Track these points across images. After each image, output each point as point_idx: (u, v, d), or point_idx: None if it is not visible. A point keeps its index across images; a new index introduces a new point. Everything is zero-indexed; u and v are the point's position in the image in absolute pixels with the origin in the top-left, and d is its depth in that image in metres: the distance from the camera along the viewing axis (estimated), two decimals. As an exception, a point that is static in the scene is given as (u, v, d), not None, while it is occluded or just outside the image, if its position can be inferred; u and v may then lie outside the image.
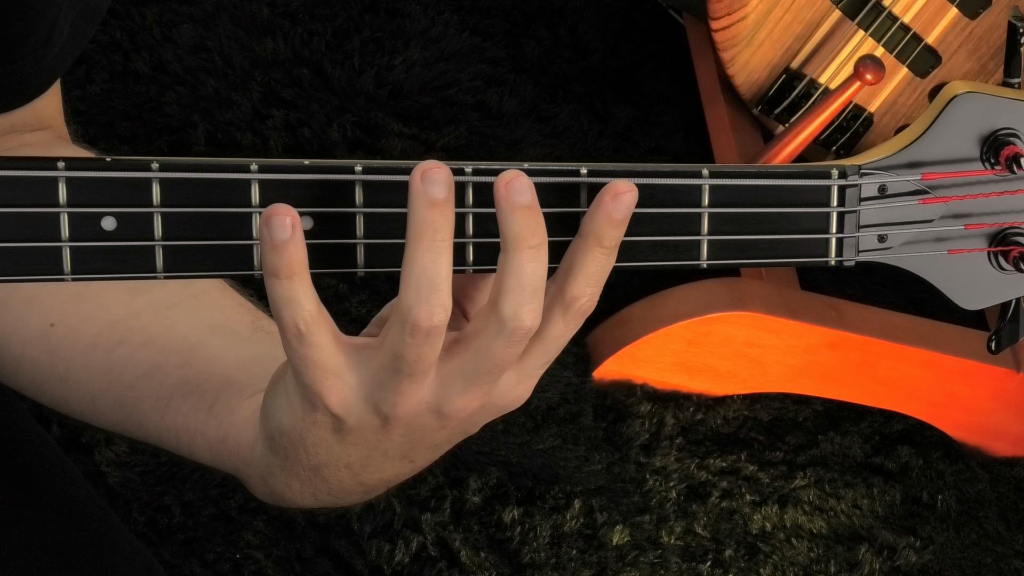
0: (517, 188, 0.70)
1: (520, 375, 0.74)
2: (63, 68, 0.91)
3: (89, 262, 0.69)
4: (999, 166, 0.78)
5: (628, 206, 0.71)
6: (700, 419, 1.65)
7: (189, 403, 0.83)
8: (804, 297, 1.68)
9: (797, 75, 1.72)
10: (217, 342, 0.85)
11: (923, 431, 1.70)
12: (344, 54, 1.85)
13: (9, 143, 0.91)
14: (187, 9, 1.85)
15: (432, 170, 0.69)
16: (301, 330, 0.70)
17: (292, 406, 0.75)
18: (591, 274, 0.72)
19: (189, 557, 1.40)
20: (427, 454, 0.78)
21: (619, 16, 2.02)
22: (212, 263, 0.71)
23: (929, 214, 0.79)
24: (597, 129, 1.90)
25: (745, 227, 0.76)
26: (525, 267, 0.70)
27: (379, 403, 0.73)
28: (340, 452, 0.76)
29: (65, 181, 0.68)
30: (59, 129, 0.95)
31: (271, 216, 0.68)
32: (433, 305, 0.69)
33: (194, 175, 0.70)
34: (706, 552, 1.55)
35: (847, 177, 0.77)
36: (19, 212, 0.68)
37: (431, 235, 0.69)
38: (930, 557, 1.59)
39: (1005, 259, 0.80)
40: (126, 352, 0.85)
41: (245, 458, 0.81)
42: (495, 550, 1.48)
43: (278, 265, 0.69)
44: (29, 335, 0.86)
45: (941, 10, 1.69)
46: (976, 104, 0.78)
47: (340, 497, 0.80)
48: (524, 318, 0.70)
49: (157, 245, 0.70)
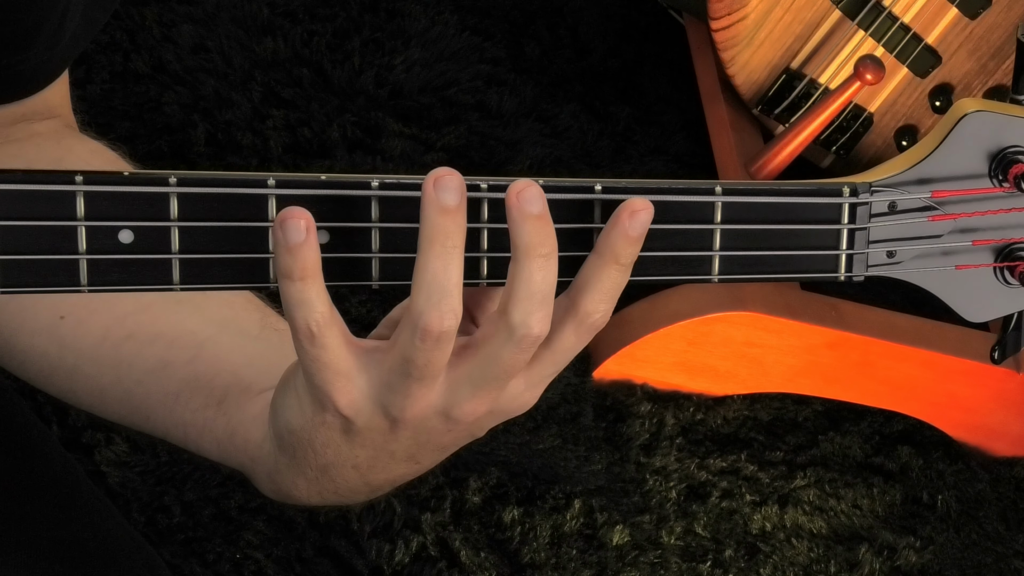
0: (528, 197, 0.70)
1: (528, 382, 0.75)
2: (74, 55, 0.92)
3: (106, 274, 0.70)
4: (1007, 183, 0.80)
5: (644, 224, 0.72)
6: (700, 419, 1.65)
7: (197, 399, 0.84)
8: (804, 297, 1.68)
9: (797, 75, 1.72)
10: (226, 338, 0.86)
11: (923, 431, 1.70)
12: (344, 54, 1.85)
13: (19, 132, 0.91)
14: (187, 9, 1.85)
15: (444, 177, 0.70)
16: (313, 331, 0.71)
17: (302, 406, 0.75)
18: (606, 290, 0.73)
19: (189, 557, 1.40)
20: (433, 456, 0.79)
21: (619, 16, 2.02)
22: (229, 276, 0.72)
23: (938, 230, 0.80)
24: (597, 129, 1.90)
25: (756, 243, 0.77)
26: (535, 275, 0.71)
27: (388, 405, 0.74)
28: (348, 453, 0.77)
29: (83, 195, 0.69)
30: (67, 118, 0.96)
31: (285, 219, 0.69)
32: (444, 310, 0.70)
33: (212, 190, 0.70)
34: (706, 552, 1.55)
35: (858, 195, 0.78)
36: (37, 226, 0.69)
37: (442, 241, 0.70)
38: (930, 557, 1.59)
39: (1011, 274, 0.82)
40: (135, 346, 0.86)
41: (252, 455, 0.81)
42: (495, 550, 1.48)
43: (292, 267, 0.69)
44: (39, 327, 0.87)
45: (941, 10, 1.69)
46: (985, 123, 0.79)
47: (346, 496, 0.81)
48: (533, 326, 0.71)
49: (174, 258, 0.71)
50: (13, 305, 0.87)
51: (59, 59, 0.90)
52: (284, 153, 1.74)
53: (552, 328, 0.73)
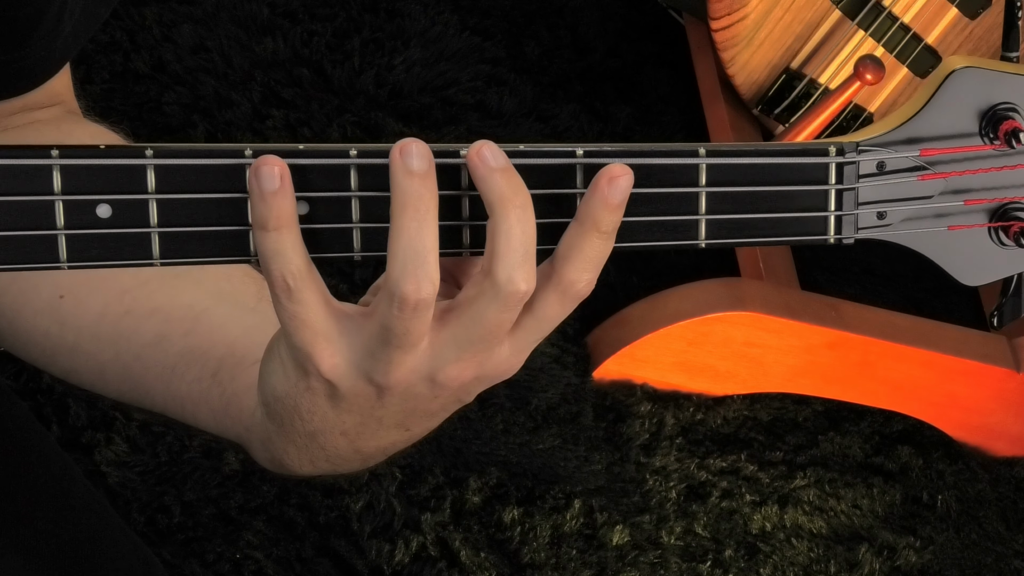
0: (488, 155, 0.70)
1: (513, 348, 0.74)
2: (74, 51, 0.91)
3: (85, 250, 0.69)
4: (998, 141, 0.78)
5: (624, 189, 0.70)
6: (700, 419, 1.65)
7: (193, 371, 0.83)
8: (804, 297, 1.68)
9: (797, 75, 1.72)
10: (222, 310, 0.85)
11: (923, 431, 1.70)
12: (344, 54, 1.85)
13: (19, 120, 0.91)
14: (187, 9, 1.85)
15: (409, 145, 0.69)
16: (289, 285, 0.70)
17: (286, 372, 0.75)
18: (589, 259, 0.71)
19: (189, 557, 1.40)
20: (423, 423, 0.78)
21: (619, 16, 2.02)
22: (209, 249, 0.71)
23: (928, 190, 0.78)
24: (597, 129, 1.90)
25: (743, 206, 0.75)
26: (514, 228, 0.70)
27: (371, 372, 0.73)
28: (335, 419, 0.76)
29: (59, 169, 0.68)
30: (70, 104, 0.95)
31: (260, 166, 0.68)
32: (420, 278, 0.69)
33: (188, 161, 0.70)
34: (706, 552, 1.55)
35: (845, 154, 0.76)
36: (14, 200, 0.68)
37: (415, 205, 0.69)
38: (930, 557, 1.59)
39: (1006, 234, 0.80)
40: (133, 322, 0.85)
41: (247, 424, 0.81)
42: (495, 550, 1.48)
43: (266, 216, 0.69)
44: (40, 306, 0.87)
45: (941, 10, 1.69)
46: (974, 79, 0.77)
47: (338, 464, 0.80)
48: (519, 282, 0.70)
49: (153, 232, 0.70)
50: (15, 287, 0.87)
51: (59, 55, 0.90)
52: (284, 153, 1.74)
53: (536, 295, 0.72)
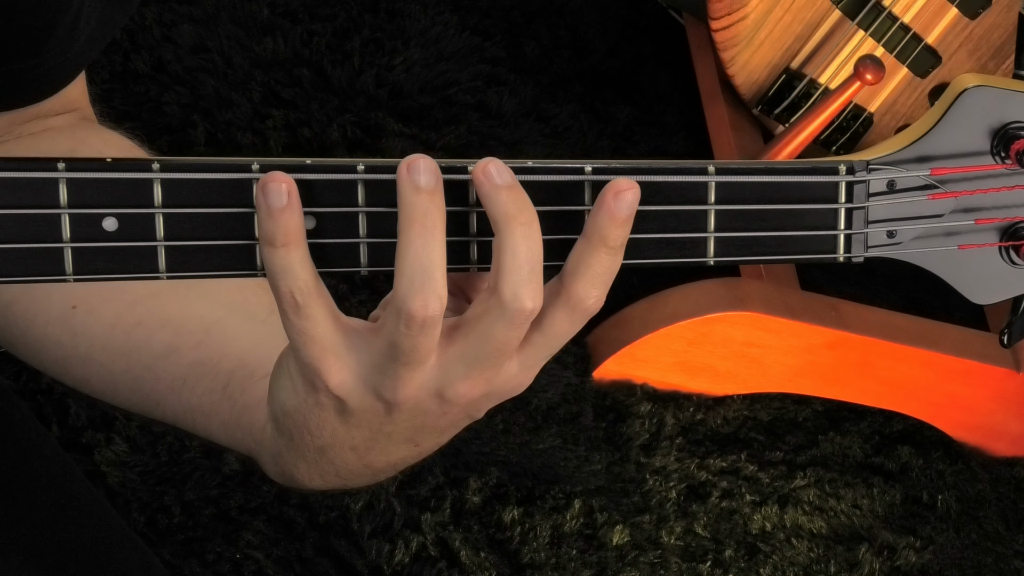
0: (494, 172, 0.70)
1: (522, 365, 0.74)
2: (90, 58, 0.91)
3: (91, 263, 0.69)
4: (1009, 160, 0.77)
5: (631, 204, 0.70)
6: (700, 419, 1.65)
7: (204, 383, 0.83)
8: (804, 297, 1.68)
9: (797, 75, 1.72)
10: (233, 322, 0.85)
11: (923, 431, 1.70)
12: (344, 54, 1.85)
13: (33, 127, 0.91)
14: (187, 9, 1.85)
15: (417, 161, 0.69)
16: (297, 301, 0.70)
17: (295, 387, 0.75)
18: (597, 275, 0.72)
19: (189, 557, 1.40)
20: (433, 438, 0.78)
21: (619, 16, 2.02)
22: (215, 263, 0.71)
23: (939, 209, 0.78)
24: (597, 129, 1.90)
25: (752, 224, 0.75)
26: (519, 245, 0.69)
27: (379, 388, 0.73)
28: (344, 434, 0.76)
29: (66, 182, 0.68)
30: (85, 110, 0.95)
31: (267, 183, 0.68)
32: (427, 295, 0.69)
33: (196, 175, 0.70)
34: (706, 552, 1.55)
35: (855, 173, 0.76)
36: (20, 214, 0.68)
37: (421, 221, 0.69)
38: (930, 557, 1.59)
39: (1016, 253, 0.79)
40: (144, 333, 0.85)
41: (257, 438, 0.81)
42: (495, 550, 1.48)
43: (274, 232, 0.68)
44: (52, 316, 0.87)
45: (941, 10, 1.69)
46: (986, 98, 0.77)
47: (348, 479, 0.80)
48: (525, 299, 0.70)
49: (159, 245, 0.70)
50: (27, 297, 0.87)
51: (74, 63, 0.89)
52: (284, 153, 1.74)
53: (544, 312, 0.71)
